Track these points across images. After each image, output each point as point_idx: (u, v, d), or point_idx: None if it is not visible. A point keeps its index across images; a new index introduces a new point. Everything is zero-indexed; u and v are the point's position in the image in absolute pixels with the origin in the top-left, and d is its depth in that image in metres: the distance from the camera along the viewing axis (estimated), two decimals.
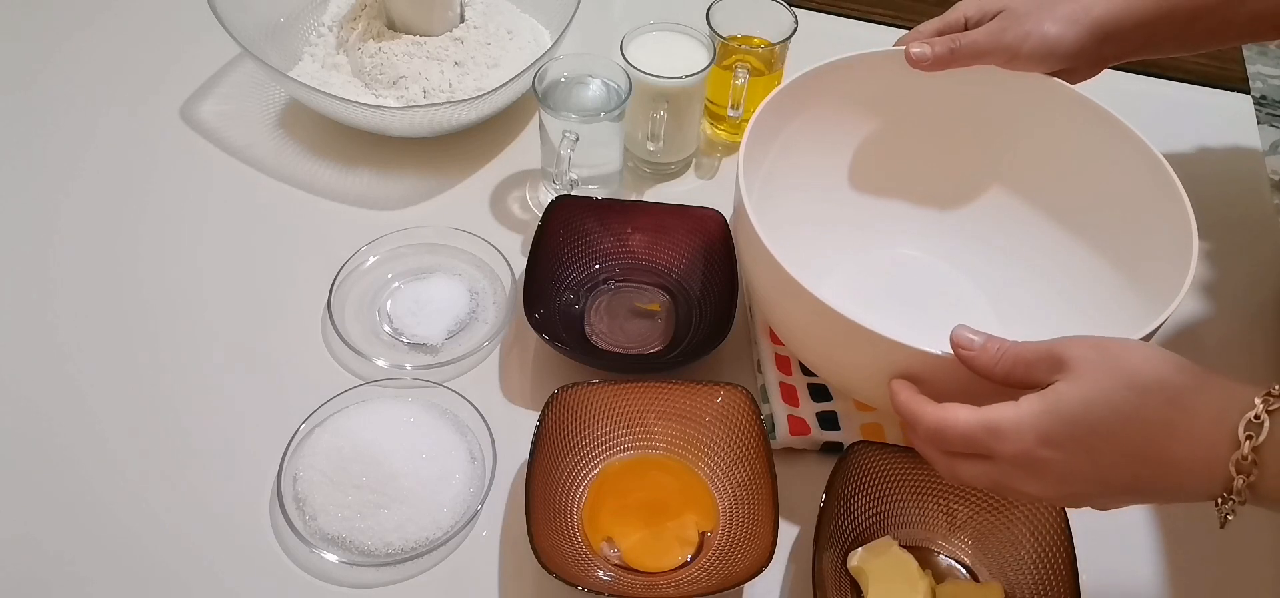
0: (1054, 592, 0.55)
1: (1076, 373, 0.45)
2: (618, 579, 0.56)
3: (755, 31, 0.83)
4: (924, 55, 0.65)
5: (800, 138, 0.69)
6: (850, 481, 0.58)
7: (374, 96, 0.82)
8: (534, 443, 0.58)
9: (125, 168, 0.81)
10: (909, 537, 0.58)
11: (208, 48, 0.88)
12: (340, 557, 0.57)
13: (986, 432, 0.46)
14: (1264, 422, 0.42)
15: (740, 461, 0.61)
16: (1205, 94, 0.94)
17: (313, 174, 0.81)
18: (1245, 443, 0.42)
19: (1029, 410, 0.45)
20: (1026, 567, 0.56)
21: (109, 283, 0.72)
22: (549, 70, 0.75)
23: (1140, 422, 0.43)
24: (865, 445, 0.59)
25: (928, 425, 0.49)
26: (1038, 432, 0.45)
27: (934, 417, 0.48)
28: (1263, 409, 0.42)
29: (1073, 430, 0.44)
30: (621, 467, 0.62)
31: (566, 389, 0.61)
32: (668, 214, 0.73)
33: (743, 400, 0.61)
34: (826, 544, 0.56)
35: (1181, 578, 0.60)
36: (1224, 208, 0.82)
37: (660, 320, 0.71)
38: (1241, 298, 0.76)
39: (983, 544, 0.58)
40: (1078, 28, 0.65)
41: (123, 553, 0.58)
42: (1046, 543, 0.56)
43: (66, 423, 0.64)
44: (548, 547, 0.55)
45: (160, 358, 0.68)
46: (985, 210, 0.73)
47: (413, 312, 0.69)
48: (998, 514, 0.58)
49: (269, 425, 0.62)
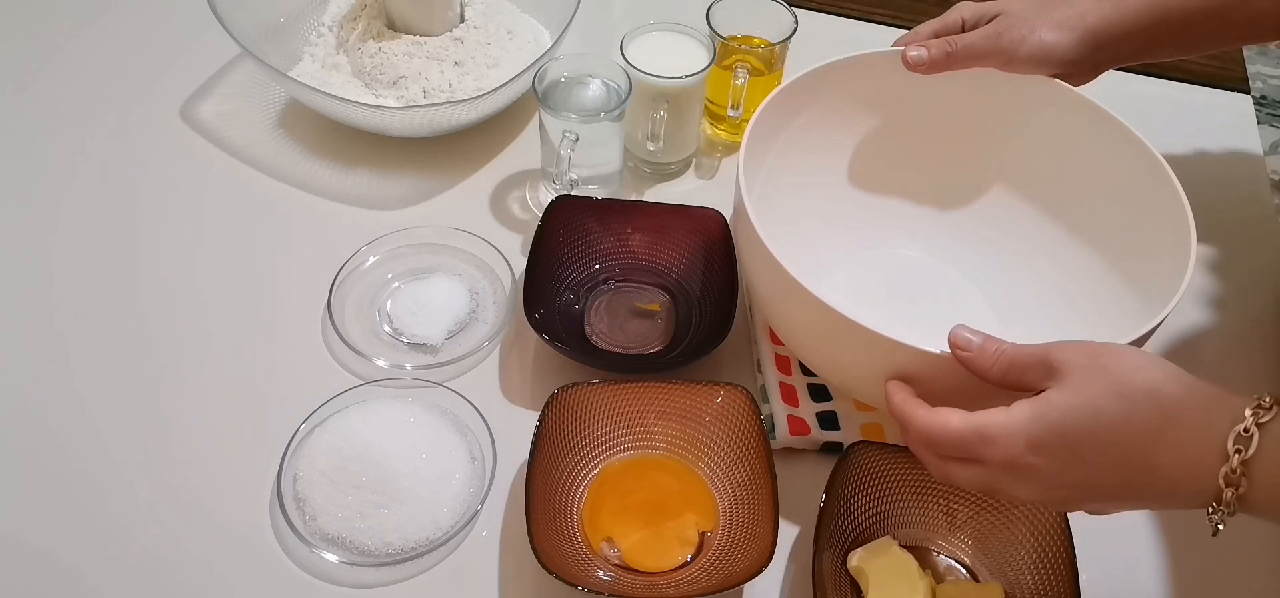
0: (1054, 592, 0.55)
1: (1067, 381, 0.45)
2: (618, 579, 0.56)
3: (755, 31, 0.83)
4: (921, 58, 0.65)
5: (800, 138, 0.69)
6: (850, 481, 0.58)
7: (374, 96, 0.82)
8: (534, 443, 0.58)
9: (125, 167, 0.81)
10: (909, 537, 0.58)
11: (208, 48, 0.88)
12: (340, 557, 0.57)
13: (977, 437, 0.46)
14: (1253, 435, 0.42)
15: (740, 460, 0.61)
16: (1205, 94, 0.94)
17: (312, 174, 0.81)
18: (1234, 456, 0.42)
19: (1019, 417, 0.45)
20: (1026, 567, 0.56)
21: (109, 283, 0.72)
22: (549, 70, 0.75)
23: (1128, 432, 0.44)
24: (865, 446, 0.59)
25: (920, 429, 0.49)
26: (1026, 438, 0.45)
27: (926, 421, 0.49)
28: (1252, 422, 0.42)
29: (1061, 438, 0.44)
30: (621, 467, 0.62)
31: (566, 389, 0.61)
32: (668, 214, 0.73)
33: (743, 400, 0.61)
34: (826, 544, 0.56)
35: (1181, 578, 0.60)
36: (1223, 208, 0.82)
37: (660, 320, 0.71)
38: (1240, 297, 0.76)
39: (983, 544, 0.58)
40: (1073, 34, 0.65)
41: (123, 553, 0.58)
42: (1046, 543, 0.56)
43: (66, 423, 0.64)
44: (548, 547, 0.55)
45: (160, 358, 0.68)
46: (985, 210, 0.73)
47: (413, 312, 0.69)
48: (997, 515, 0.58)
49: (269, 425, 0.62)
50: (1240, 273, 0.78)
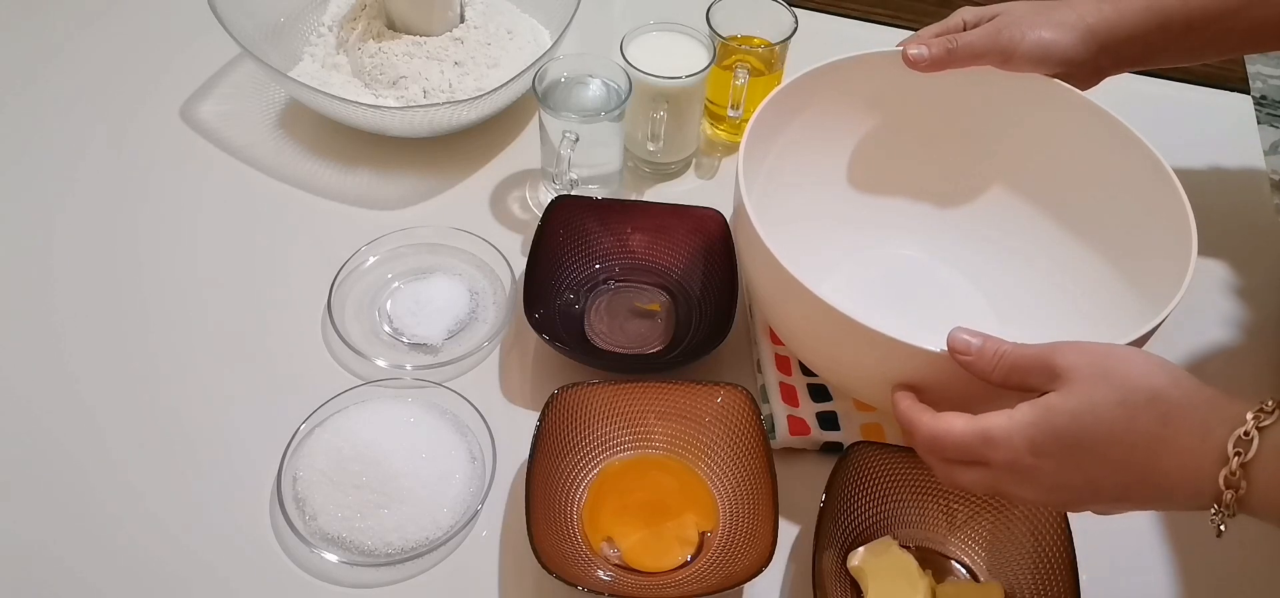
0: (1053, 592, 0.55)
1: (1069, 384, 0.45)
2: (618, 579, 0.56)
3: (755, 31, 0.83)
4: (921, 55, 0.66)
5: (800, 138, 0.69)
6: (850, 481, 0.58)
7: (374, 96, 0.82)
8: (534, 443, 0.58)
9: (125, 168, 0.81)
10: (909, 537, 0.58)
11: (208, 48, 0.88)
12: (340, 557, 0.57)
13: (980, 440, 0.47)
14: (1253, 438, 0.42)
15: (740, 461, 0.61)
16: (1205, 94, 0.94)
17: (312, 174, 0.81)
18: (1234, 459, 0.42)
19: (1021, 420, 0.46)
20: (1026, 567, 0.56)
21: (109, 283, 0.72)
22: (549, 70, 0.75)
23: (1130, 436, 0.44)
24: (865, 446, 0.59)
25: (925, 435, 0.49)
26: (1029, 442, 0.45)
27: (931, 427, 0.49)
28: (1253, 425, 0.42)
29: (1062, 442, 0.45)
30: (621, 467, 0.62)
31: (566, 389, 0.61)
32: (668, 214, 0.73)
33: (743, 401, 0.61)
34: (826, 544, 0.56)
35: (1182, 578, 0.60)
36: (1223, 208, 0.82)
37: (660, 320, 0.71)
38: (1241, 297, 0.76)
39: (982, 544, 0.58)
40: (1072, 33, 0.66)
41: (122, 553, 0.58)
42: (1046, 543, 0.56)
43: (66, 423, 0.64)
44: (548, 547, 0.55)
45: (160, 358, 0.68)
46: (985, 210, 0.73)
47: (413, 312, 0.69)
48: (997, 515, 0.58)
49: (269, 425, 0.62)
50: (1240, 273, 0.78)
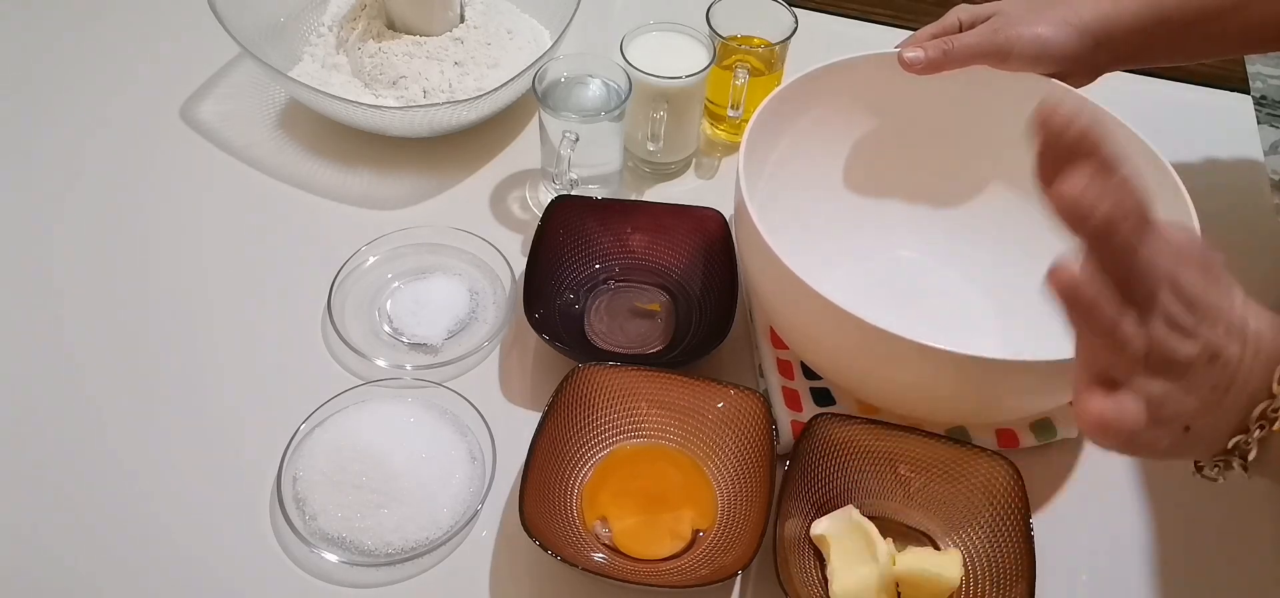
0: (1010, 557, 0.56)
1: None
2: (598, 556, 0.57)
3: (755, 31, 0.83)
4: (917, 58, 0.66)
5: (800, 138, 0.69)
6: (813, 450, 0.59)
7: (374, 96, 0.82)
8: (547, 409, 0.59)
9: (125, 168, 0.81)
10: (872, 507, 0.59)
11: (208, 48, 0.88)
12: (340, 557, 0.57)
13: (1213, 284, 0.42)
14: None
15: (744, 464, 0.61)
16: (1205, 94, 0.94)
17: (312, 174, 0.81)
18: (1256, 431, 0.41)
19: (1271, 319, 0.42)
20: (983, 533, 0.58)
21: (109, 283, 0.72)
22: (549, 70, 0.75)
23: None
24: (827, 417, 0.60)
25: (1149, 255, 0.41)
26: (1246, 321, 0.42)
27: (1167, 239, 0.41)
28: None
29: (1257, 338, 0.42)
30: (633, 451, 0.62)
31: (591, 366, 0.62)
32: (668, 214, 0.73)
33: (758, 407, 0.61)
34: (790, 513, 0.57)
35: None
36: (1224, 207, 0.82)
37: (660, 320, 0.71)
38: None
39: (939, 512, 0.59)
40: (1069, 30, 0.66)
41: (122, 553, 0.58)
42: (1002, 511, 0.57)
43: (66, 422, 0.64)
44: (535, 513, 0.55)
45: (159, 358, 0.68)
46: (986, 209, 0.73)
47: (413, 312, 0.69)
48: (951, 483, 0.59)
49: (269, 425, 0.62)
50: (1240, 273, 0.77)
